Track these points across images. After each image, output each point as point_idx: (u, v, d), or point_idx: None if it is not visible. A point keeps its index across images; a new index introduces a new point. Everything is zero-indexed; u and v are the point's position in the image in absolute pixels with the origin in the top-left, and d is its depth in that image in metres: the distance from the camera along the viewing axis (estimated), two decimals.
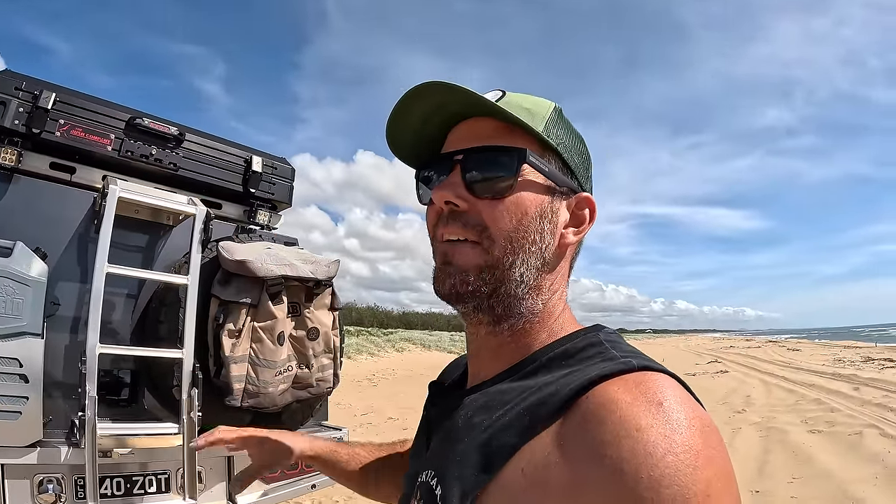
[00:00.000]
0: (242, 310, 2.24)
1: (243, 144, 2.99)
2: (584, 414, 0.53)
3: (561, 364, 0.63)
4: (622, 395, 0.53)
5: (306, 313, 2.48)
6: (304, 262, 2.48)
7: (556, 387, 0.58)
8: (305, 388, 2.48)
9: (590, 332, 0.68)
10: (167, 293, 2.34)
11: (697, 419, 0.51)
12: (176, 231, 2.66)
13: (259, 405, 2.28)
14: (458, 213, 0.68)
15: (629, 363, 0.57)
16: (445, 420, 0.71)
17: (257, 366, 2.26)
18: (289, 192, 3.16)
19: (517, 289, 0.67)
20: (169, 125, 2.67)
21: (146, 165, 2.60)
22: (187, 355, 2.16)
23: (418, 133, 0.75)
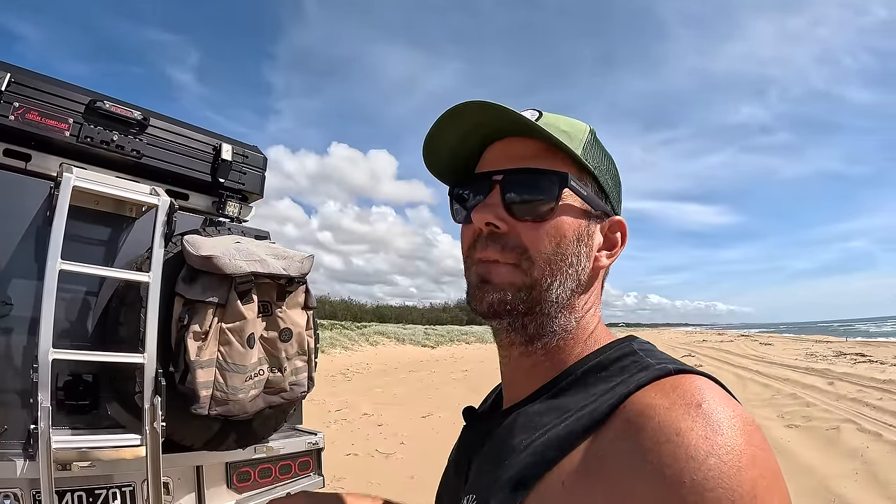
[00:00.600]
0: (209, 310, 2.05)
1: (212, 131, 2.80)
2: (623, 423, 0.54)
3: (597, 377, 0.63)
4: (659, 400, 0.53)
5: (278, 313, 2.30)
6: (276, 257, 2.30)
7: (596, 401, 0.58)
8: (278, 393, 2.30)
9: (623, 342, 0.69)
10: (128, 292, 2.14)
11: (738, 418, 0.51)
12: (139, 224, 2.45)
13: (228, 413, 2.09)
14: (497, 234, 0.68)
15: (665, 368, 0.58)
16: (483, 443, 0.71)
17: (225, 370, 2.07)
18: (260, 183, 2.97)
19: (551, 308, 0.68)
20: (132, 109, 2.46)
21: (107, 152, 2.39)
22: (149, 360, 1.97)
23: (455, 150, 0.74)
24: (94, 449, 1.91)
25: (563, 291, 0.68)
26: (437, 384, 13.99)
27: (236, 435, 2.25)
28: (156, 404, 1.95)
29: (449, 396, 11.70)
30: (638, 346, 0.67)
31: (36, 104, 2.24)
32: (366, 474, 5.64)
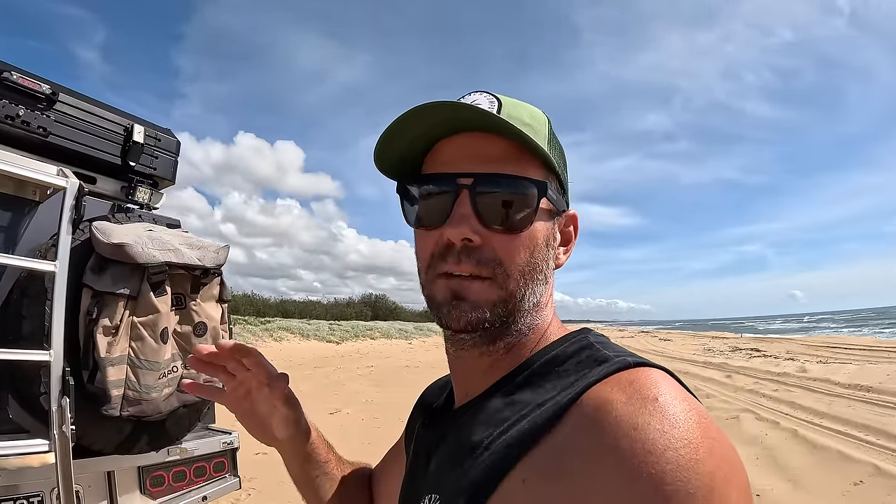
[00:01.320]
0: (120, 302, 1.90)
1: (123, 111, 2.60)
2: (581, 418, 0.53)
3: (555, 371, 0.62)
4: (616, 394, 0.52)
5: (192, 306, 2.17)
6: (190, 247, 2.16)
7: (555, 396, 0.58)
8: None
9: (579, 335, 0.69)
10: (31, 283, 1.95)
11: (693, 411, 0.51)
12: (43, 208, 2.23)
13: (141, 413, 1.94)
14: (471, 248, 0.64)
15: (623, 361, 0.57)
16: (442, 441, 0.70)
17: (138, 368, 1.92)
18: (173, 168, 2.77)
19: (523, 314, 0.67)
20: (40, 82, 2.24)
21: (11, 128, 2.16)
22: (56, 357, 1.79)
23: (409, 146, 0.69)
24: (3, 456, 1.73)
25: (534, 297, 0.66)
26: (343, 380, 13.83)
27: (149, 437, 2.10)
28: (64, 406, 1.78)
29: (355, 392, 11.63)
30: (594, 338, 0.66)
31: None
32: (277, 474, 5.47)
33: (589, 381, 0.56)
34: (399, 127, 0.65)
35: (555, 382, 0.60)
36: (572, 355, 0.63)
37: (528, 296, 0.65)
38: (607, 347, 0.63)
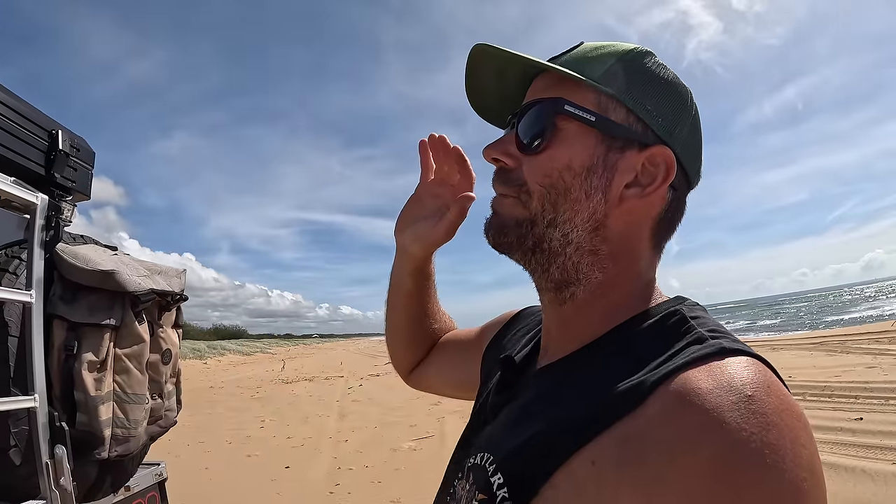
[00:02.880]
0: (106, 334, 1.74)
1: (44, 112, 2.31)
2: (664, 404, 0.49)
3: (642, 345, 0.57)
4: (706, 383, 0.48)
5: (160, 333, 2.04)
6: (153, 272, 2.04)
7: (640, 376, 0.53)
8: (156, 422, 2.04)
9: (670, 305, 0.63)
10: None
11: (787, 412, 0.47)
12: None
13: (127, 451, 1.79)
14: (504, 170, 0.67)
15: (718, 345, 0.52)
16: (510, 403, 0.68)
17: (126, 403, 1.78)
18: (90, 182, 2.52)
19: (565, 248, 0.64)
20: None
21: None
22: (41, 402, 1.60)
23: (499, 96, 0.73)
24: None
25: (574, 230, 0.63)
26: None
27: (112, 478, 1.92)
28: (60, 456, 1.59)
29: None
30: (688, 311, 0.61)
31: None
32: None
33: (678, 363, 0.51)
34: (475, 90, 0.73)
35: (640, 359, 0.55)
36: (663, 330, 0.59)
37: (558, 222, 0.63)
38: (703, 324, 0.58)
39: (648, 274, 0.67)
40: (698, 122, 0.67)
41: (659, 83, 0.65)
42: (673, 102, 0.65)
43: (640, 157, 0.62)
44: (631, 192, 0.63)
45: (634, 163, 0.62)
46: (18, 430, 1.64)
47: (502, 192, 0.67)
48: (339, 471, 6.41)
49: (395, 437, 8.00)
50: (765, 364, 0.52)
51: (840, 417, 6.50)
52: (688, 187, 0.68)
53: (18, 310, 1.69)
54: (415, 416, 9.43)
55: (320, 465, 6.72)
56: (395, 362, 1.15)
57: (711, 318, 0.61)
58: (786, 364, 11.21)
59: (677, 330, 0.58)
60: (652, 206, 0.64)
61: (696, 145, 0.67)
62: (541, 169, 0.63)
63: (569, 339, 0.66)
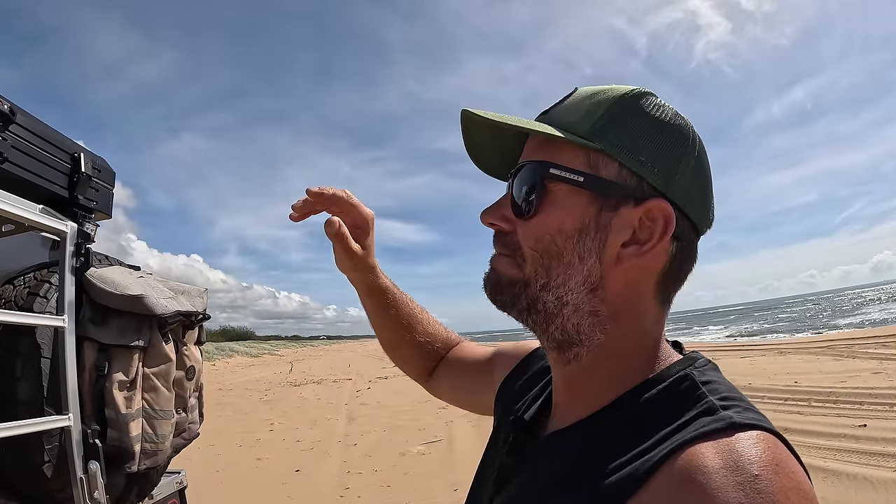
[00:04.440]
0: (135, 355, 1.85)
1: (66, 136, 2.40)
2: (668, 480, 0.48)
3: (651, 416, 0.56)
4: (712, 460, 0.47)
5: (184, 351, 2.14)
6: (177, 293, 2.14)
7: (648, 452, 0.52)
8: (180, 434, 2.14)
9: (680, 369, 0.61)
10: (19, 339, 1.76)
11: (794, 491, 0.45)
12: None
13: (154, 464, 1.90)
14: (500, 233, 0.67)
15: (727, 419, 0.51)
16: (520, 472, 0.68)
17: (154, 419, 1.88)
18: (111, 201, 2.61)
19: (561, 310, 0.62)
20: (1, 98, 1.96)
21: None
22: (75, 420, 1.70)
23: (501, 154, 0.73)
24: None
25: (568, 293, 0.61)
26: None
27: (138, 488, 2.03)
28: (94, 472, 1.69)
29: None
30: (699, 374, 0.59)
31: None
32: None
33: (686, 438, 0.50)
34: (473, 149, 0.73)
35: (648, 432, 0.54)
36: (673, 398, 0.57)
37: (552, 286, 0.62)
38: (715, 391, 0.56)
39: (655, 331, 0.64)
40: (703, 163, 0.63)
41: (655, 128, 0.61)
42: (671, 148, 0.61)
43: (637, 212, 0.59)
44: (629, 252, 0.60)
45: (631, 219, 0.60)
46: (51, 446, 1.74)
47: (500, 252, 0.67)
48: (348, 474, 6.50)
49: (403, 441, 8.08)
50: (776, 437, 0.51)
51: (844, 424, 6.50)
52: (696, 234, 0.64)
53: (50, 332, 1.79)
54: (423, 420, 9.50)
55: (330, 469, 6.81)
56: (409, 374, 1.21)
57: (724, 380, 0.60)
58: (792, 369, 11.22)
59: (688, 398, 0.56)
60: (654, 261, 0.61)
61: (702, 189, 0.63)
62: (532, 233, 0.62)
63: (576, 401, 0.65)
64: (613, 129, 0.60)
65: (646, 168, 0.59)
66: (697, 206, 0.62)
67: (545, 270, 0.62)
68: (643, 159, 0.59)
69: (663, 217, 0.59)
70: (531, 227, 0.63)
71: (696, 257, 0.65)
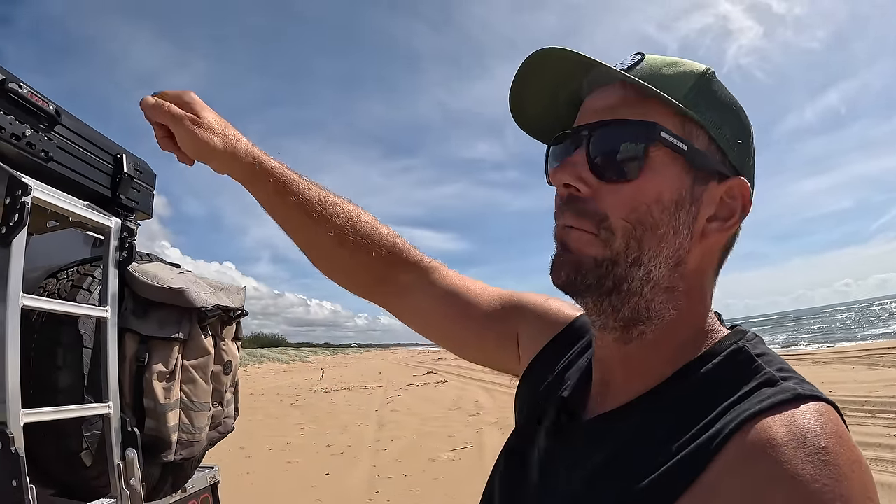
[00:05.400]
0: (175, 347, 1.91)
1: (109, 138, 2.48)
2: (736, 454, 0.49)
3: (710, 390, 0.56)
4: (781, 433, 0.47)
5: (222, 346, 2.20)
6: (216, 289, 2.20)
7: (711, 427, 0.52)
8: (215, 428, 2.20)
9: (734, 342, 0.60)
10: (61, 330, 1.84)
11: (857, 464, 0.46)
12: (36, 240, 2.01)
13: (191, 454, 1.97)
14: (575, 197, 0.59)
15: (791, 390, 0.51)
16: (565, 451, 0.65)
17: (191, 410, 1.94)
18: (151, 202, 2.69)
19: (643, 288, 0.59)
20: (46, 100, 2.02)
21: (14, 149, 1.90)
22: (114, 409, 1.76)
23: (548, 106, 0.67)
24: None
25: (657, 268, 0.58)
26: None
27: (173, 479, 2.09)
28: (130, 458, 1.75)
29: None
30: (752, 347, 0.59)
31: None
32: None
33: (753, 410, 0.50)
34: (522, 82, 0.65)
35: (711, 405, 0.53)
36: (732, 370, 0.56)
37: (644, 262, 0.58)
38: (770, 363, 0.56)
39: (710, 306, 0.64)
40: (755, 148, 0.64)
41: (732, 107, 0.61)
42: (745, 128, 0.62)
43: (720, 189, 0.59)
44: (713, 227, 0.60)
45: (715, 195, 0.59)
46: (90, 433, 1.81)
47: (576, 224, 0.59)
48: (377, 479, 6.52)
49: (433, 448, 8.08)
50: (835, 408, 0.51)
51: (879, 433, 6.39)
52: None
53: (92, 323, 1.86)
54: (453, 427, 9.50)
55: (359, 473, 6.84)
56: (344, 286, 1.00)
57: (774, 353, 0.59)
58: (826, 378, 10.94)
59: (746, 370, 0.56)
60: (725, 238, 0.62)
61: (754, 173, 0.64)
62: (627, 202, 0.57)
63: (633, 379, 0.62)
64: (704, 100, 0.59)
65: (730, 145, 0.60)
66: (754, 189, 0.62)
67: (637, 244, 0.57)
68: (728, 135, 0.60)
69: (742, 196, 0.60)
70: (625, 193, 0.57)
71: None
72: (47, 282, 1.99)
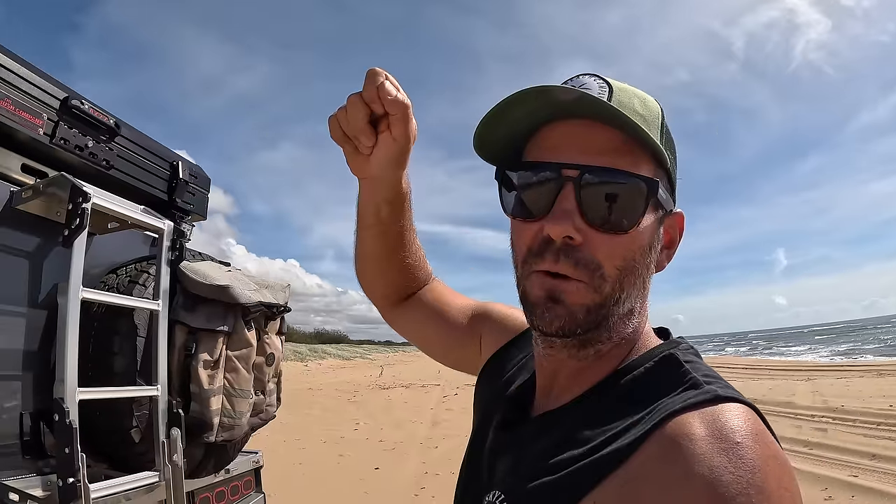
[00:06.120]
0: (220, 338, 2.10)
1: (165, 146, 2.71)
2: (659, 446, 0.52)
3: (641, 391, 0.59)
4: (699, 428, 0.50)
5: (265, 339, 2.38)
6: (261, 286, 2.38)
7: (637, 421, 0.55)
8: (258, 415, 2.38)
9: (666, 349, 0.64)
10: (118, 320, 2.05)
11: (773, 458, 0.49)
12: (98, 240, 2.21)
13: (231, 437, 2.15)
14: (571, 246, 0.59)
15: (712, 392, 0.54)
16: (515, 445, 0.68)
17: (233, 396, 2.13)
18: (206, 204, 2.91)
19: (617, 321, 0.63)
20: (106, 113, 2.26)
21: (77, 159, 2.15)
22: (162, 391, 1.96)
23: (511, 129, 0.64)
24: (124, 493, 1.83)
25: (630, 302, 0.63)
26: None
27: (215, 459, 2.28)
28: (175, 437, 1.94)
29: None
30: (683, 355, 0.62)
31: (9, 90, 1.87)
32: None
33: (673, 409, 0.53)
34: (502, 111, 0.61)
35: (638, 404, 0.57)
36: (660, 374, 0.61)
37: (623, 301, 0.61)
38: (696, 369, 0.59)
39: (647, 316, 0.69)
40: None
41: (673, 143, 0.65)
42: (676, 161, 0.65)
43: (670, 221, 0.66)
44: (664, 256, 0.67)
45: (668, 227, 0.66)
46: (140, 413, 2.01)
47: (572, 274, 0.59)
48: (425, 475, 6.68)
49: None
50: (754, 411, 0.54)
51: None
52: None
53: (146, 315, 2.06)
54: None
55: (408, 469, 7.02)
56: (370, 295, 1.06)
57: (703, 362, 0.62)
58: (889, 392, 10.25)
59: (674, 374, 0.59)
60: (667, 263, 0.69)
61: None
62: (621, 252, 0.60)
63: (577, 386, 0.66)
64: (667, 141, 0.62)
65: (675, 181, 0.65)
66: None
67: (622, 286, 0.61)
68: (676, 174, 0.65)
69: (680, 224, 0.68)
70: (621, 244, 0.60)
71: None
72: (108, 277, 2.21)
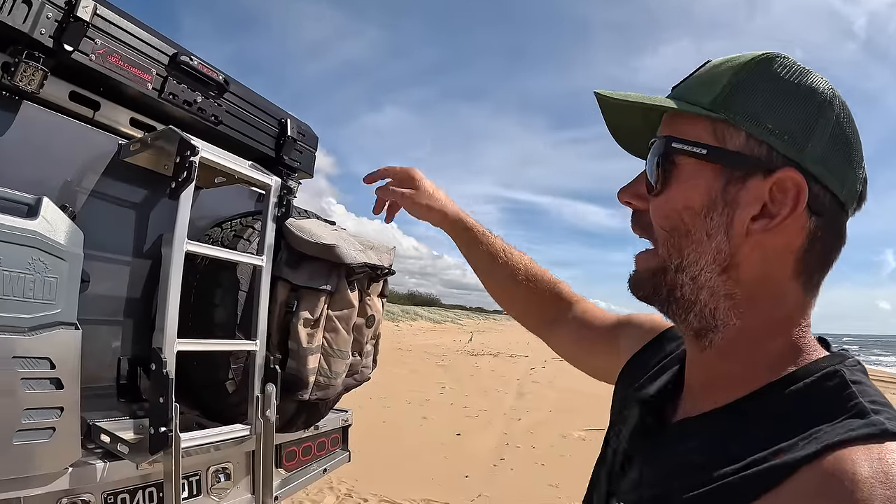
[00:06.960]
0: (321, 297, 2.09)
1: (274, 103, 2.73)
2: (811, 482, 0.46)
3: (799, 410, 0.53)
4: (862, 468, 0.44)
5: (367, 300, 2.37)
6: (366, 247, 2.36)
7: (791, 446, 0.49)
8: (352, 376, 2.39)
9: (830, 364, 0.56)
10: (220, 273, 2.08)
11: None
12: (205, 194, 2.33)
13: (325, 396, 2.17)
14: (637, 213, 0.67)
15: (879, 425, 0.48)
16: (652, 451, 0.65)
17: (330, 356, 2.13)
18: (312, 162, 2.93)
19: (698, 295, 0.59)
20: (216, 70, 2.29)
21: (186, 114, 2.20)
22: (260, 346, 1.98)
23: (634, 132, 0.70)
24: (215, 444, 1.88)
25: (702, 272, 0.58)
26: None
27: (306, 416, 2.31)
28: (269, 392, 1.97)
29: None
30: (849, 373, 0.55)
31: (120, 46, 1.91)
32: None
33: (835, 439, 0.47)
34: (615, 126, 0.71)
35: (792, 425, 0.51)
36: (821, 394, 0.54)
37: (684, 266, 0.59)
38: (865, 393, 0.52)
39: (798, 318, 0.59)
40: (845, 130, 0.57)
41: (785, 92, 0.57)
42: (803, 112, 0.56)
43: (766, 184, 0.55)
44: (758, 226, 0.56)
45: (760, 192, 0.55)
46: (236, 366, 2.06)
47: (642, 235, 0.66)
48: (506, 446, 6.68)
49: (566, 424, 8.08)
50: None
51: None
52: (842, 210, 0.58)
53: (249, 270, 2.09)
54: (591, 408, 9.38)
55: (489, 438, 7.04)
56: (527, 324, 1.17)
57: (871, 384, 0.55)
58: None
59: (837, 396, 0.52)
60: (790, 237, 0.56)
61: (844, 158, 0.57)
62: (661, 211, 0.61)
63: (713, 388, 0.62)
64: (739, 97, 0.57)
65: (774, 135, 0.55)
66: (838, 178, 0.56)
67: (677, 250, 0.60)
68: (770, 126, 0.55)
69: (794, 187, 0.54)
70: (659, 203, 0.61)
71: (844, 238, 0.59)
72: (213, 230, 2.26)
